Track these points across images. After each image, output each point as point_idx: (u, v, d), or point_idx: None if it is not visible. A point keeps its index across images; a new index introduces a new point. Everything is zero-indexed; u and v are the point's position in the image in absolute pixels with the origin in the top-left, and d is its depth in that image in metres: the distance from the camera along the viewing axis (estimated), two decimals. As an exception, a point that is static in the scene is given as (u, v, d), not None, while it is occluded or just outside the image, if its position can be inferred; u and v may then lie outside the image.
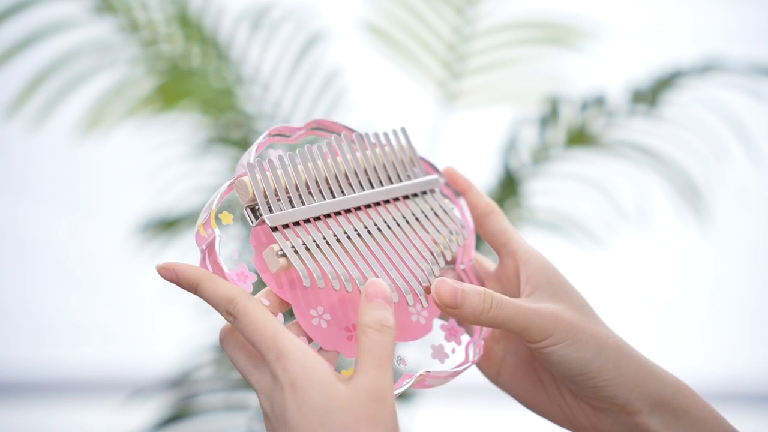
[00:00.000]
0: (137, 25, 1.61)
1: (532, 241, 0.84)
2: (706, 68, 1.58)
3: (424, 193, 0.84)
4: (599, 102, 1.62)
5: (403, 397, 1.59)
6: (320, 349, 0.76)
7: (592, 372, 0.77)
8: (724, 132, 1.59)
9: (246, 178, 0.76)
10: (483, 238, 0.85)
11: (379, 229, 0.79)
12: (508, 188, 1.65)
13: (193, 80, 1.60)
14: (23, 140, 2.02)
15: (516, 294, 0.82)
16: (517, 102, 1.76)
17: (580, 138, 1.62)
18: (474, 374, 0.91)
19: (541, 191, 1.68)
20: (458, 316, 0.77)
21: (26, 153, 2.49)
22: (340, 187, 0.80)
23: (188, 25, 1.64)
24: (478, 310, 0.76)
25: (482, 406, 2.44)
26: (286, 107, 1.67)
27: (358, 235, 0.78)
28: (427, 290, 0.80)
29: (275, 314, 0.75)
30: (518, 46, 1.74)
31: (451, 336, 0.83)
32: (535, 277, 0.80)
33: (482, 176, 1.68)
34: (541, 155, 1.65)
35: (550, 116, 1.64)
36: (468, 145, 2.00)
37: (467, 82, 1.75)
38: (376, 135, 0.83)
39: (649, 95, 1.59)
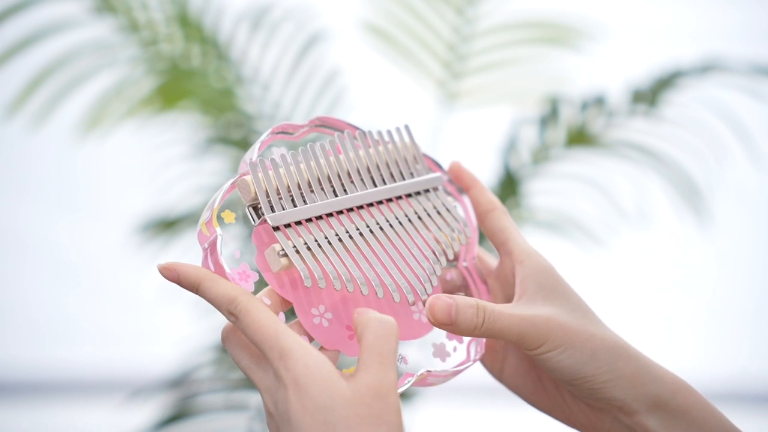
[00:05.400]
0: (137, 25, 1.61)
1: (532, 241, 0.84)
2: (706, 68, 1.58)
3: (427, 191, 0.84)
4: (599, 102, 1.62)
5: (404, 396, 1.59)
6: (321, 348, 0.76)
7: (588, 375, 0.77)
8: (724, 132, 1.59)
9: (248, 177, 0.75)
10: (485, 235, 0.85)
11: (381, 228, 0.79)
12: (508, 188, 1.65)
13: (193, 80, 1.60)
14: (23, 140, 2.02)
15: (514, 293, 0.82)
16: (517, 102, 1.76)
17: (580, 138, 1.62)
18: (475, 374, 0.90)
19: (541, 191, 1.68)
20: (453, 332, 0.77)
21: (26, 153, 2.49)
22: (342, 185, 0.79)
23: (188, 25, 1.64)
24: (472, 325, 0.76)
25: (483, 406, 2.44)
26: (286, 107, 1.67)
27: (360, 234, 0.78)
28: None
29: (277, 313, 0.75)
30: (518, 46, 1.75)
31: (453, 335, 0.83)
32: (530, 279, 0.80)
33: (482, 176, 1.68)
34: (541, 155, 1.65)
35: (550, 116, 1.64)
36: (468, 145, 2.00)
37: (467, 82, 1.75)
38: (379, 132, 0.83)
39: (649, 95, 1.59)
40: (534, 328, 0.76)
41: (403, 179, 0.83)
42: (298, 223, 0.76)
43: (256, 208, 0.76)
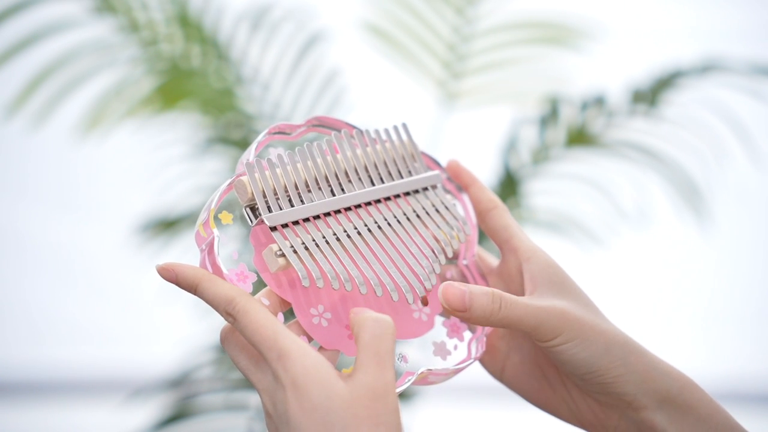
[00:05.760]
0: (137, 25, 1.61)
1: (533, 240, 0.84)
2: (706, 68, 1.58)
3: (426, 189, 0.84)
4: (599, 102, 1.62)
5: (404, 396, 1.59)
6: (320, 348, 0.76)
7: (601, 369, 0.77)
8: (724, 132, 1.59)
9: (245, 178, 0.75)
10: (486, 233, 0.85)
11: (379, 227, 0.79)
12: (508, 188, 1.65)
13: (193, 80, 1.60)
14: (23, 140, 2.02)
15: (519, 290, 0.82)
16: (517, 102, 1.76)
17: (580, 138, 1.62)
18: (475, 373, 0.90)
19: (541, 191, 1.68)
20: (467, 319, 0.77)
21: (26, 153, 2.49)
22: (340, 184, 0.79)
23: (188, 25, 1.64)
24: (488, 312, 0.76)
25: (483, 406, 2.44)
26: (286, 107, 1.67)
27: (358, 233, 0.78)
28: (425, 301, 0.80)
29: (275, 314, 0.75)
30: (518, 46, 1.75)
31: (453, 333, 0.82)
32: (539, 275, 0.80)
33: (482, 176, 1.68)
34: (541, 155, 1.65)
35: (550, 116, 1.64)
36: (468, 145, 2.00)
37: (467, 82, 1.75)
38: (377, 131, 0.83)
39: (649, 95, 1.59)
40: (551, 318, 0.76)
41: (401, 177, 0.83)
42: (296, 223, 0.76)
43: (253, 209, 0.76)
